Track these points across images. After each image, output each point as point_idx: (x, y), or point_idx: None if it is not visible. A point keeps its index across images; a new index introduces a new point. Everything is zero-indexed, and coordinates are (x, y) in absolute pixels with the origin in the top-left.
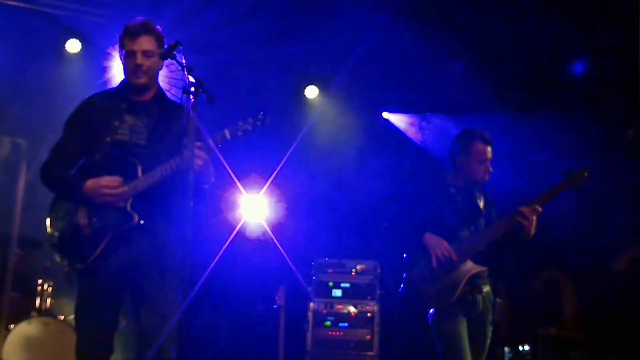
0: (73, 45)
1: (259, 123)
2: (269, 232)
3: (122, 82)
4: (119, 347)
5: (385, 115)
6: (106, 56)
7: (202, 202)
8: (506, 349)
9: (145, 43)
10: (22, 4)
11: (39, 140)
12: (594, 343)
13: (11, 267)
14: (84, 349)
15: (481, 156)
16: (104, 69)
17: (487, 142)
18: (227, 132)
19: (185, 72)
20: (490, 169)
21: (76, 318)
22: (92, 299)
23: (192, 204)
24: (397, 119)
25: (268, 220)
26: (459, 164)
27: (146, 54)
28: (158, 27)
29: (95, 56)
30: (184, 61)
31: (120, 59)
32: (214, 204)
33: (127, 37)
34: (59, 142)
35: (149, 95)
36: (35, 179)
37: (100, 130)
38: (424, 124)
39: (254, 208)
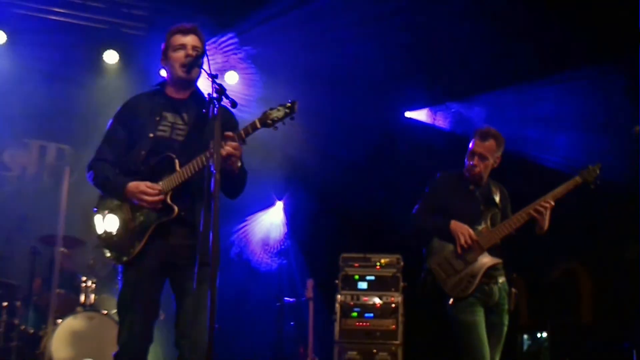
0: (111, 57)
1: (287, 110)
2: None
3: (161, 81)
4: (158, 339)
5: (408, 114)
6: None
7: (238, 192)
8: (525, 336)
9: (195, 41)
10: (62, 18)
11: (81, 146)
12: (609, 330)
13: (57, 265)
14: (125, 338)
15: (469, 150)
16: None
17: (480, 137)
18: (257, 122)
19: (212, 80)
20: (476, 164)
21: (118, 309)
22: (134, 289)
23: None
24: (420, 115)
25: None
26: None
27: (195, 49)
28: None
29: (132, 67)
30: (209, 69)
31: (167, 55)
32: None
33: (178, 34)
34: (105, 139)
35: (187, 94)
36: (79, 181)
37: (142, 127)
38: (446, 112)
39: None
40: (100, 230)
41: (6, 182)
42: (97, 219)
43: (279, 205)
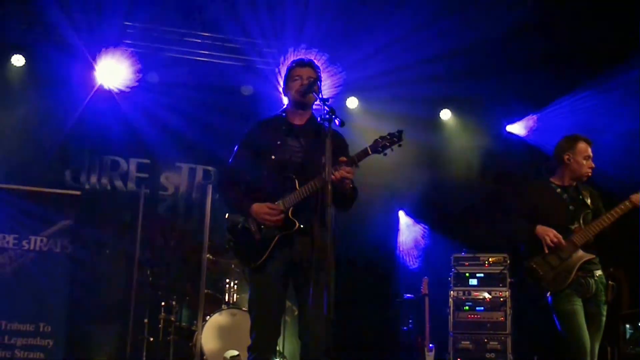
0: (246, 90)
1: (395, 139)
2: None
3: (282, 109)
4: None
5: (509, 128)
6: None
7: (349, 207)
8: (627, 325)
9: (310, 72)
10: (204, 59)
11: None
12: None
13: (204, 269)
14: (255, 334)
15: (585, 153)
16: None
17: (589, 142)
18: (368, 149)
19: (323, 103)
20: (593, 165)
21: (249, 308)
22: (261, 292)
23: (336, 210)
24: (519, 128)
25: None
26: (566, 161)
27: (309, 79)
28: (319, 67)
29: (264, 97)
30: (322, 95)
31: (288, 85)
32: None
33: (297, 67)
34: (233, 161)
35: (304, 120)
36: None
37: (265, 149)
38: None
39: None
40: (230, 240)
41: (163, 201)
42: (227, 231)
43: (402, 213)
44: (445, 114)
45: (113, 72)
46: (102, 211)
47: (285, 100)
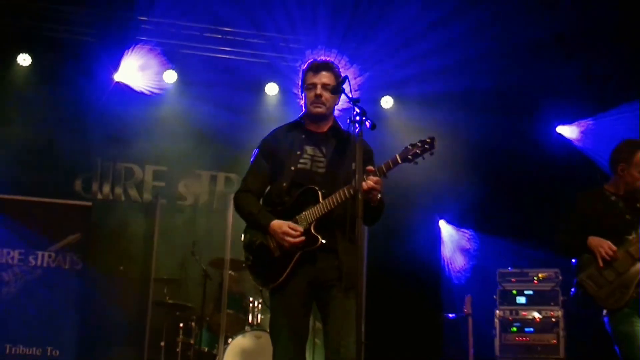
0: (271, 89)
1: (427, 147)
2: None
3: (301, 115)
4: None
5: (559, 129)
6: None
7: (376, 220)
8: None
9: (325, 78)
10: (226, 56)
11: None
12: None
13: (226, 287)
14: (280, 357)
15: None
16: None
17: None
18: (398, 157)
19: (352, 104)
20: None
21: (270, 332)
22: (282, 314)
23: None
24: (570, 131)
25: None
26: (620, 172)
27: (325, 87)
28: (337, 65)
29: (289, 97)
30: (350, 94)
31: (302, 92)
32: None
33: (310, 72)
34: (249, 172)
35: (325, 127)
36: None
37: (284, 160)
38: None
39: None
40: (247, 257)
41: (181, 211)
42: (244, 247)
43: (443, 222)
44: (490, 112)
45: (129, 71)
46: (115, 224)
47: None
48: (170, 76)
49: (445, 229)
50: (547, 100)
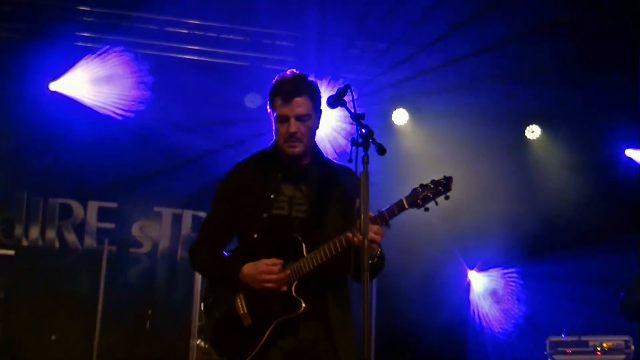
0: (253, 100)
1: (441, 188)
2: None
3: (273, 144)
4: None
5: (629, 152)
6: None
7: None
8: None
9: (300, 107)
10: (195, 57)
11: None
12: None
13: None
14: None
15: None
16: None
17: None
18: (404, 201)
19: (355, 121)
20: None
21: None
22: None
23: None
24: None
25: (493, 294)
26: None
27: (301, 118)
28: (312, 80)
29: None
30: (353, 109)
31: (271, 119)
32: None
33: (279, 98)
34: (208, 220)
35: (306, 159)
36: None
37: (254, 204)
38: None
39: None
40: (207, 327)
41: (136, 262)
42: (202, 313)
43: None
44: (533, 131)
45: (67, 77)
46: (46, 278)
47: None
48: (119, 84)
49: (477, 278)
50: (612, 122)
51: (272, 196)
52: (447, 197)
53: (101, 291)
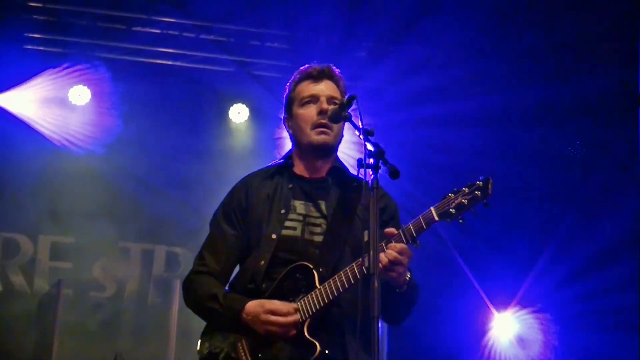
0: (238, 112)
1: (478, 193)
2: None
3: (286, 155)
4: None
5: None
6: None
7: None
8: None
9: (332, 89)
10: (170, 62)
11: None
12: None
13: None
14: None
15: None
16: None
17: None
18: (434, 212)
19: (362, 137)
20: None
21: None
22: None
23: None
24: None
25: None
26: None
27: (332, 101)
28: (343, 78)
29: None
30: (360, 123)
31: (289, 118)
32: None
33: (306, 80)
34: (207, 245)
35: (323, 170)
36: None
37: (261, 224)
38: None
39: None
40: None
41: (98, 308)
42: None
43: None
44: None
45: (14, 92)
46: None
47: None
48: (81, 94)
49: (502, 318)
50: None
51: (282, 211)
52: (486, 204)
53: (55, 343)
